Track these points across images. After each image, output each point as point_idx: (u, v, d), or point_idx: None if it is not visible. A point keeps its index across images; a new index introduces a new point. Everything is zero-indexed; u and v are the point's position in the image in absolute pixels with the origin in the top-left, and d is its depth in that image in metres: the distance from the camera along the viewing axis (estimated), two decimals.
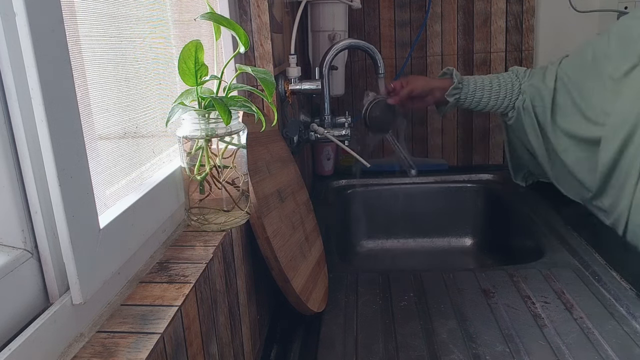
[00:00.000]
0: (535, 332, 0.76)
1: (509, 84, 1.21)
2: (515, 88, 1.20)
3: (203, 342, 0.53)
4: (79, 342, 0.42)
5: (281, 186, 0.84)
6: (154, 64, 0.61)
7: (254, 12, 0.91)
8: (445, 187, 1.48)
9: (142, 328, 0.43)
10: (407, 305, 0.84)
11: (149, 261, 0.56)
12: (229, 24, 0.60)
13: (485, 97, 1.21)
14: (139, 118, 0.57)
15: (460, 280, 0.91)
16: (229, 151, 0.61)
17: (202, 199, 0.62)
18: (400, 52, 1.58)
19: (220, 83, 0.62)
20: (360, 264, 1.41)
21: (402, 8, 1.56)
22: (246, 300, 0.71)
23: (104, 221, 0.46)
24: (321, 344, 0.75)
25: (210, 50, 0.79)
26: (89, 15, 0.47)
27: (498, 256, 1.36)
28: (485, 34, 1.55)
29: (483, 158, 1.62)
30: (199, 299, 0.52)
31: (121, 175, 0.54)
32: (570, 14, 1.47)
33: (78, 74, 0.44)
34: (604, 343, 0.72)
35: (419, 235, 1.49)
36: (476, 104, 1.23)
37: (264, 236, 0.70)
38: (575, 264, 0.95)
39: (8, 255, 0.38)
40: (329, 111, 1.17)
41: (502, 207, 1.38)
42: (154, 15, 0.62)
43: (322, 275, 0.89)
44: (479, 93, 1.21)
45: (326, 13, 1.36)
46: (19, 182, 0.39)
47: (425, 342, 0.75)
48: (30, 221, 0.39)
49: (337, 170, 1.58)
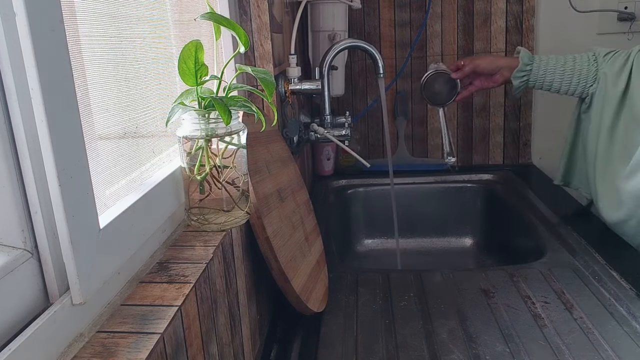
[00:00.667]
0: (535, 332, 0.76)
1: (584, 67, 1.09)
2: (591, 73, 1.08)
3: (203, 342, 0.53)
4: (79, 342, 0.41)
5: (281, 186, 0.84)
6: (154, 64, 0.61)
7: (254, 12, 0.91)
8: (445, 187, 1.48)
9: (142, 328, 0.43)
10: (407, 305, 0.84)
11: (149, 261, 0.56)
12: (229, 24, 0.60)
13: (557, 82, 1.11)
14: (139, 118, 0.57)
15: (460, 280, 0.91)
16: (229, 151, 0.61)
17: (202, 199, 0.62)
18: (400, 52, 1.58)
19: (220, 83, 0.62)
20: (360, 264, 1.41)
21: (402, 8, 1.56)
22: (246, 300, 0.71)
23: (104, 221, 0.46)
24: (321, 344, 0.75)
25: (210, 50, 0.79)
26: (89, 15, 0.47)
27: (498, 256, 1.36)
28: (485, 34, 1.55)
29: (483, 158, 1.62)
30: (199, 299, 0.52)
31: (121, 175, 0.54)
32: (570, 14, 1.47)
33: (78, 74, 0.44)
34: (604, 343, 0.72)
35: (419, 235, 1.49)
36: (548, 87, 1.13)
37: (264, 236, 0.70)
38: (575, 264, 0.95)
39: (8, 255, 0.38)
40: (329, 111, 1.17)
41: (502, 207, 1.38)
42: (154, 15, 0.62)
43: (322, 275, 0.89)
44: (549, 76, 1.11)
45: (326, 13, 1.36)
46: (19, 182, 0.39)
47: (425, 342, 0.75)
48: (30, 221, 0.39)
49: (337, 170, 1.58)
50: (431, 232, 1.49)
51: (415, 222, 1.47)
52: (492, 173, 1.52)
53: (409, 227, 1.46)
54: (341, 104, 1.63)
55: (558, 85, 1.12)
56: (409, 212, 1.46)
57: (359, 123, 1.63)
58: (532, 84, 1.15)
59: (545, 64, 1.12)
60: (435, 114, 1.61)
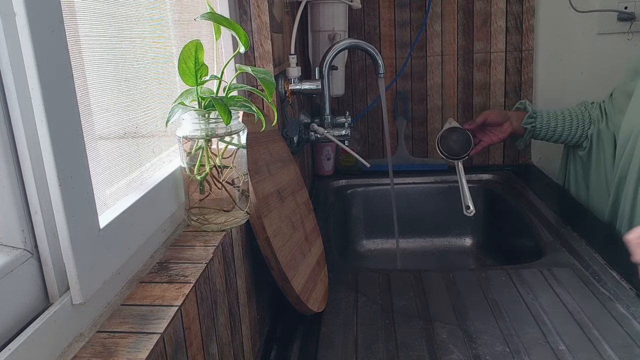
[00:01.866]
0: (535, 332, 0.76)
1: (579, 114, 1.24)
2: (586, 117, 1.23)
3: (203, 342, 0.53)
4: (79, 342, 0.42)
5: (281, 186, 0.84)
6: (154, 64, 0.61)
7: (254, 12, 0.91)
8: (445, 187, 1.48)
9: (142, 328, 0.43)
10: (407, 305, 0.84)
11: (149, 261, 0.56)
12: (229, 24, 0.60)
13: (560, 126, 1.25)
14: (139, 118, 0.57)
15: (460, 280, 0.91)
16: (229, 151, 0.61)
17: (202, 199, 0.62)
18: (400, 52, 1.58)
19: (220, 83, 0.62)
20: (360, 264, 1.41)
21: (402, 8, 1.56)
22: (246, 300, 0.71)
23: (104, 221, 0.46)
24: (321, 344, 0.75)
25: (210, 50, 0.79)
26: (89, 15, 0.47)
27: (498, 256, 1.36)
28: (485, 34, 1.55)
29: (483, 158, 1.62)
30: (199, 299, 0.52)
31: (121, 175, 0.54)
32: (570, 14, 1.47)
33: (78, 74, 0.44)
34: (604, 343, 0.72)
35: (419, 235, 1.49)
36: (552, 133, 1.26)
37: (264, 236, 0.70)
38: (575, 264, 0.95)
39: (8, 255, 0.38)
40: (329, 111, 1.17)
41: (502, 207, 1.38)
42: (154, 15, 0.62)
43: (322, 275, 0.89)
44: (552, 122, 1.25)
45: (326, 13, 1.36)
46: (19, 182, 0.39)
47: (425, 342, 0.75)
48: (30, 221, 0.39)
49: (337, 170, 1.58)
50: (431, 232, 1.48)
51: (415, 222, 1.47)
52: (492, 173, 1.52)
53: (408, 227, 1.46)
54: (341, 104, 1.63)
55: (561, 129, 1.25)
56: (409, 212, 1.46)
57: (359, 123, 1.63)
58: (538, 130, 1.27)
59: (547, 112, 1.27)
60: (435, 114, 1.61)
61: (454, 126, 1.32)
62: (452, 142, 1.31)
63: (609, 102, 1.19)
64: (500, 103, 1.59)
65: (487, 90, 1.58)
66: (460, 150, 1.30)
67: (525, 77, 1.56)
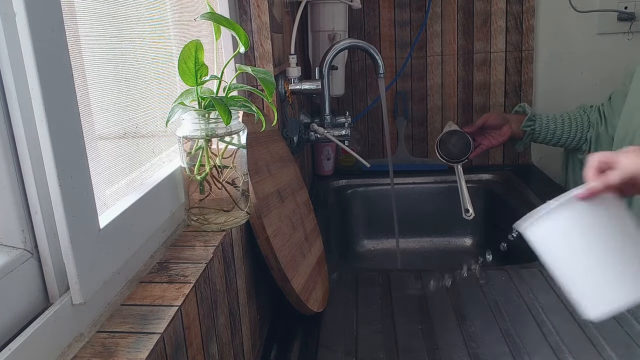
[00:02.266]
0: (535, 332, 0.76)
1: (578, 117, 1.24)
2: (585, 121, 1.23)
3: (203, 342, 0.53)
4: (79, 342, 0.41)
5: (281, 186, 0.84)
6: (154, 64, 0.61)
7: (254, 12, 0.91)
8: (445, 187, 1.48)
9: (142, 328, 0.43)
10: (407, 306, 0.84)
11: (149, 261, 0.56)
12: (229, 24, 0.60)
13: (559, 129, 1.25)
14: (139, 118, 0.57)
15: (461, 280, 0.91)
16: (229, 151, 0.61)
17: (202, 199, 0.62)
18: (400, 52, 1.58)
19: (220, 83, 0.62)
20: (360, 264, 1.41)
21: (402, 8, 1.55)
22: (246, 300, 0.71)
23: (104, 221, 0.46)
24: (321, 344, 0.75)
25: (210, 50, 0.79)
26: (89, 15, 0.47)
27: (498, 256, 1.36)
28: (485, 34, 1.55)
29: (483, 158, 1.62)
30: (199, 299, 0.52)
31: (121, 175, 0.54)
32: (570, 14, 1.47)
33: (78, 74, 0.44)
34: (604, 343, 0.72)
35: (419, 235, 1.49)
36: (551, 136, 1.26)
37: (264, 236, 0.70)
38: None
39: (8, 255, 0.38)
40: (329, 111, 1.17)
41: (502, 207, 1.38)
42: (154, 15, 0.62)
43: (322, 275, 0.89)
44: (552, 125, 1.26)
45: (326, 13, 1.36)
46: (19, 182, 0.39)
47: (425, 342, 0.75)
48: (30, 221, 0.39)
49: (337, 170, 1.58)
50: (431, 232, 1.48)
51: (415, 222, 1.47)
52: (492, 173, 1.52)
53: (409, 227, 1.46)
54: (341, 104, 1.62)
55: (560, 132, 1.25)
56: (409, 212, 1.46)
57: (359, 123, 1.63)
58: (537, 133, 1.27)
59: (546, 116, 1.27)
60: (435, 114, 1.61)
61: (454, 129, 1.32)
62: (451, 145, 1.32)
63: (607, 105, 1.20)
64: (500, 103, 1.59)
65: (487, 90, 1.58)
66: (459, 153, 1.31)
67: (525, 77, 1.56)
